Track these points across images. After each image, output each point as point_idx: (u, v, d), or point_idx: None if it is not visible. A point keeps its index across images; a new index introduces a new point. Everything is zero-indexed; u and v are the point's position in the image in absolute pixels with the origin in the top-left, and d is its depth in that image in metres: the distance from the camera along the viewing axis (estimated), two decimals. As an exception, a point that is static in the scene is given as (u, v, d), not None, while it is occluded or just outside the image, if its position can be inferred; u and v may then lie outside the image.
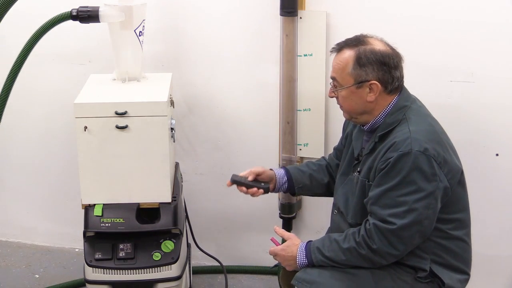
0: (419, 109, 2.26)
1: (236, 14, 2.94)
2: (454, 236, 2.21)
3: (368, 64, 2.17)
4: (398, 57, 2.22)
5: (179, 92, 3.04)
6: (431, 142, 2.13)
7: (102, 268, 2.47)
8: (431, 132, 2.17)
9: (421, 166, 2.08)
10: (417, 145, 2.09)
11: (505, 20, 2.61)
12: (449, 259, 2.21)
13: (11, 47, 2.74)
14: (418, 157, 2.08)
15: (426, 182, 2.09)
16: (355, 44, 2.20)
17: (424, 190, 2.09)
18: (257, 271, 3.25)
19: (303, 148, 2.99)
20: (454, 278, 2.22)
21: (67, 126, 3.04)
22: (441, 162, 2.11)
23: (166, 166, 2.51)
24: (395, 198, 2.10)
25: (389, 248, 2.12)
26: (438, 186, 2.11)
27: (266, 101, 3.01)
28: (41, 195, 3.46)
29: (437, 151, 2.12)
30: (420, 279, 2.19)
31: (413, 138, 2.11)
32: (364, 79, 2.18)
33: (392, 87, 2.20)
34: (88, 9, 2.55)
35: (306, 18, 2.81)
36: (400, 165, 2.09)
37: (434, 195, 2.10)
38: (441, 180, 2.11)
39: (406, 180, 2.09)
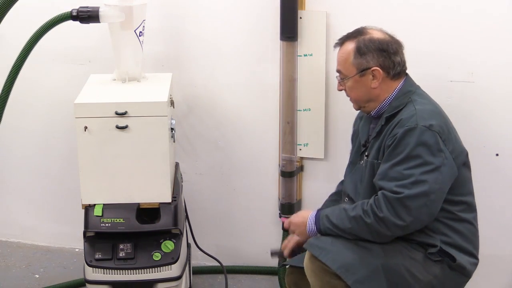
0: (424, 93, 2.36)
1: (236, 14, 2.94)
2: (463, 218, 2.26)
3: (368, 52, 2.30)
4: (397, 43, 2.34)
5: (179, 92, 3.04)
6: (437, 119, 2.22)
7: (102, 268, 2.47)
8: (436, 112, 2.27)
9: (427, 141, 2.16)
10: (423, 121, 2.19)
11: (505, 20, 2.61)
12: (459, 240, 2.25)
13: (11, 47, 2.74)
14: (423, 132, 2.17)
15: (432, 157, 2.16)
16: (355, 36, 2.33)
17: (430, 164, 2.15)
18: (257, 271, 3.25)
19: (303, 148, 2.99)
20: (464, 258, 2.26)
21: (67, 126, 3.04)
22: (446, 139, 2.20)
23: (166, 166, 2.51)
24: (402, 171, 2.17)
25: (395, 218, 2.14)
26: (444, 162, 2.17)
27: (266, 101, 3.01)
28: (41, 195, 3.46)
29: (442, 128, 2.20)
30: (431, 256, 2.22)
31: (419, 115, 2.21)
32: (366, 66, 2.30)
33: (394, 72, 2.31)
34: (88, 9, 2.55)
35: (306, 18, 2.81)
36: (406, 140, 2.18)
37: (440, 170, 2.16)
38: (446, 157, 2.18)
39: (412, 154, 2.16)
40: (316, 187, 3.02)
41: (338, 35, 2.78)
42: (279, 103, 2.93)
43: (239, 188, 3.22)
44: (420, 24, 2.70)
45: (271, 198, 3.15)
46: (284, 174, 2.99)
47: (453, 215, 2.25)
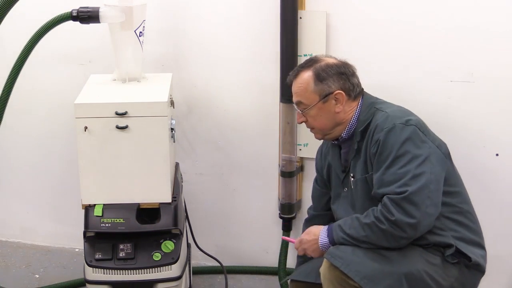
0: (386, 101, 2.38)
1: (236, 14, 2.94)
2: (463, 209, 2.28)
3: (327, 77, 2.30)
4: (352, 66, 2.36)
5: (179, 93, 3.04)
6: (410, 115, 2.25)
7: (102, 268, 2.47)
8: (405, 110, 2.31)
9: (409, 136, 2.18)
10: (398, 119, 2.21)
11: (505, 20, 2.61)
12: (467, 233, 2.26)
13: (11, 48, 2.74)
14: (403, 128, 2.18)
15: (418, 149, 2.17)
16: (309, 65, 2.34)
17: (419, 156, 2.16)
18: (257, 271, 3.25)
19: (303, 148, 2.99)
20: (477, 253, 2.26)
21: (67, 126, 3.04)
22: (424, 131, 2.22)
23: (166, 166, 2.51)
24: (397, 172, 2.16)
25: (406, 217, 2.12)
26: (430, 151, 2.19)
27: (266, 101, 3.01)
28: (41, 195, 3.46)
29: (418, 121, 2.24)
30: (449, 259, 2.21)
31: (392, 115, 2.24)
32: (328, 91, 2.30)
33: (354, 94, 2.33)
34: (88, 10, 2.55)
35: (306, 18, 2.81)
36: (389, 141, 2.18)
37: (430, 160, 2.17)
38: (430, 146, 2.20)
39: (400, 153, 2.17)
40: (316, 187, 3.02)
41: (338, 35, 2.81)
42: (279, 103, 2.93)
43: (239, 188, 3.22)
44: (420, 24, 2.70)
45: (271, 198, 3.15)
46: (284, 174, 2.99)
47: (455, 207, 2.25)
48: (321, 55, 2.40)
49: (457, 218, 2.26)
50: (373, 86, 2.42)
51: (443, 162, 2.23)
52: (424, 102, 2.72)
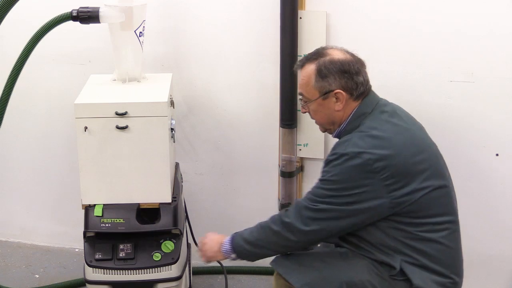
0: (379, 115, 2.23)
1: (236, 14, 2.94)
2: (426, 237, 2.16)
3: (329, 74, 2.21)
4: (359, 62, 2.24)
5: (179, 93, 3.04)
6: (374, 147, 2.11)
7: (102, 268, 2.47)
8: (379, 137, 2.14)
9: (350, 168, 2.10)
10: (352, 148, 2.11)
11: (505, 20, 2.61)
12: (422, 260, 2.16)
13: (12, 48, 2.73)
14: (350, 158, 2.10)
15: (352, 183, 2.11)
16: (315, 58, 2.25)
17: (348, 190, 2.11)
18: (257, 271, 3.25)
19: (303, 148, 2.99)
20: (429, 278, 2.16)
21: (67, 127, 3.04)
22: (379, 167, 2.09)
23: (166, 166, 2.51)
24: (321, 189, 2.16)
25: (301, 224, 2.16)
26: (367, 189, 2.10)
27: (266, 101, 3.01)
28: (41, 195, 3.46)
29: (376, 157, 2.09)
30: (393, 277, 2.17)
31: (353, 141, 2.14)
32: (328, 89, 2.22)
33: (357, 93, 2.23)
34: (88, 10, 2.55)
35: (306, 18, 2.81)
36: (332, 164, 2.14)
37: (359, 196, 2.10)
38: (373, 184, 2.09)
39: (334, 178, 2.13)
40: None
41: (338, 35, 2.81)
42: (279, 103, 2.93)
43: (239, 188, 3.22)
44: (420, 24, 2.70)
45: (271, 198, 3.15)
46: (284, 174, 2.99)
47: (412, 235, 2.16)
48: (330, 47, 2.29)
49: (412, 244, 2.16)
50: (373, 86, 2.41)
51: (379, 201, 2.11)
52: (424, 102, 2.73)
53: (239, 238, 2.34)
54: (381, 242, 2.18)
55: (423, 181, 2.14)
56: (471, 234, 2.37)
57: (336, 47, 2.28)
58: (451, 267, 2.19)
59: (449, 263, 2.19)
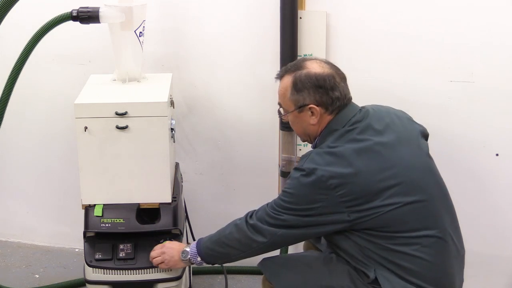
0: (345, 134, 2.18)
1: (236, 14, 2.94)
2: (398, 250, 2.12)
3: (304, 88, 2.19)
4: (339, 76, 2.21)
5: (179, 93, 3.04)
6: (329, 164, 2.09)
7: (102, 268, 2.47)
8: (337, 155, 2.12)
9: (305, 184, 2.10)
10: (308, 164, 2.12)
11: (505, 20, 2.61)
12: (397, 271, 2.13)
13: (12, 48, 2.74)
14: (306, 175, 2.10)
15: (307, 198, 2.12)
16: (292, 70, 2.23)
17: (303, 203, 2.13)
18: (257, 271, 3.22)
19: (303, 148, 2.99)
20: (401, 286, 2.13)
21: (67, 127, 3.04)
22: (333, 184, 2.07)
23: (166, 166, 2.51)
24: (280, 198, 2.20)
25: (263, 224, 2.21)
26: (323, 205, 2.10)
27: (266, 101, 3.01)
28: (41, 195, 3.46)
29: (331, 174, 2.07)
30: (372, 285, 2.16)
31: (310, 157, 2.14)
32: (303, 103, 2.20)
33: (333, 108, 2.20)
34: (88, 10, 2.55)
35: (306, 18, 2.81)
36: (292, 176, 2.16)
37: (316, 210, 2.11)
38: (328, 199, 2.09)
39: (291, 192, 2.15)
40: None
41: (338, 35, 2.81)
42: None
43: (239, 188, 3.22)
44: (420, 24, 2.71)
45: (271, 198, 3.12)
46: (284, 174, 2.99)
47: (384, 247, 2.13)
48: (311, 59, 2.25)
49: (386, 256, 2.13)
50: (373, 86, 2.42)
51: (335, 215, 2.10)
52: (424, 102, 2.73)
53: (205, 239, 2.39)
54: (355, 251, 2.18)
55: (389, 197, 2.09)
56: (471, 234, 2.37)
57: (317, 60, 2.25)
58: (431, 280, 2.13)
59: (429, 275, 2.13)
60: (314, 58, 2.28)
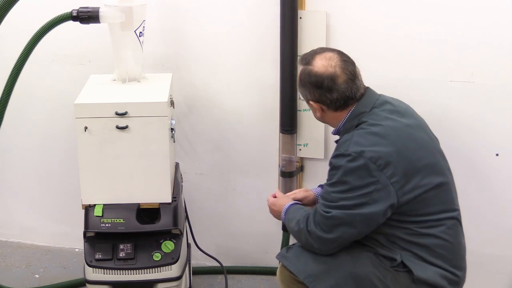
0: (378, 113, 2.24)
1: (236, 14, 2.94)
2: (425, 233, 2.19)
3: (305, 85, 2.29)
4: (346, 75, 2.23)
5: (179, 93, 3.04)
6: (374, 145, 2.14)
7: (102, 268, 2.48)
8: (379, 134, 2.17)
9: (355, 168, 2.12)
10: (354, 147, 2.14)
11: (505, 20, 2.61)
12: (422, 254, 2.19)
13: (12, 48, 2.74)
14: (353, 159, 2.12)
15: (360, 181, 2.12)
16: (304, 63, 2.30)
17: (356, 190, 2.13)
18: (257, 271, 3.25)
19: (303, 148, 2.99)
20: (430, 270, 2.19)
21: (67, 127, 3.04)
22: (382, 164, 2.11)
23: (166, 166, 2.51)
24: (330, 193, 2.18)
25: (320, 231, 2.18)
26: (376, 188, 2.12)
27: (266, 101, 3.01)
28: (41, 195, 3.46)
29: (379, 154, 2.12)
30: (395, 268, 2.19)
31: (353, 140, 2.17)
32: (306, 98, 2.32)
33: (334, 106, 2.26)
34: (88, 10, 2.55)
35: (306, 18, 2.81)
36: (337, 165, 2.17)
37: (370, 196, 2.12)
38: (380, 182, 2.12)
39: (340, 180, 2.15)
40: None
41: (338, 35, 2.81)
42: (279, 103, 2.93)
43: (239, 188, 3.22)
44: (420, 24, 2.70)
45: (271, 198, 3.15)
46: (284, 174, 2.99)
47: (412, 231, 2.19)
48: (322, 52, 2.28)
49: (412, 240, 2.19)
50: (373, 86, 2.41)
51: (389, 200, 2.13)
52: (424, 102, 2.72)
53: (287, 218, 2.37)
54: (381, 237, 2.21)
55: (423, 178, 2.16)
56: (471, 234, 2.37)
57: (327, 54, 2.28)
58: (451, 261, 2.22)
59: (449, 257, 2.21)
60: (327, 51, 2.30)
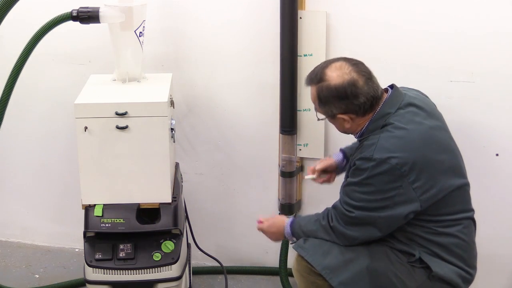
0: (404, 114, 2.25)
1: (236, 14, 2.94)
2: (444, 232, 2.24)
3: (328, 101, 2.26)
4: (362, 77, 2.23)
5: (179, 93, 3.04)
6: (399, 150, 2.15)
7: (102, 268, 2.47)
8: (404, 139, 2.18)
9: (380, 173, 2.15)
10: (379, 153, 2.15)
11: (505, 20, 2.61)
12: (439, 252, 2.24)
13: (12, 48, 2.73)
14: (378, 164, 2.14)
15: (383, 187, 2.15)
16: (315, 82, 2.28)
17: (379, 193, 2.16)
18: (257, 271, 3.25)
19: (303, 148, 2.99)
20: (447, 268, 2.24)
21: (67, 127, 3.04)
22: (406, 170, 2.14)
23: (166, 166, 2.51)
24: (353, 192, 2.21)
25: (343, 228, 2.24)
26: (398, 193, 2.15)
27: (266, 101, 3.01)
28: (41, 195, 3.46)
29: (404, 161, 2.14)
30: (412, 264, 2.23)
31: (379, 144, 2.18)
32: (332, 113, 2.28)
33: (363, 110, 2.25)
34: (88, 10, 2.55)
35: (306, 18, 2.81)
36: (361, 168, 2.18)
37: (392, 200, 2.16)
38: (403, 187, 2.15)
39: (364, 182, 2.18)
40: (316, 187, 3.01)
41: (338, 35, 2.81)
42: (279, 103, 2.93)
43: (239, 188, 3.22)
44: (420, 24, 2.70)
45: (271, 198, 3.15)
46: (284, 174, 2.99)
47: (431, 230, 2.24)
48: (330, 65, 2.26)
49: (430, 238, 2.24)
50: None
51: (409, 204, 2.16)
52: (424, 102, 2.72)
53: (297, 227, 2.40)
54: (400, 234, 2.24)
55: (446, 181, 2.20)
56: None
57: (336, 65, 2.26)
58: (465, 260, 2.26)
59: (464, 256, 2.26)
60: (334, 62, 2.28)
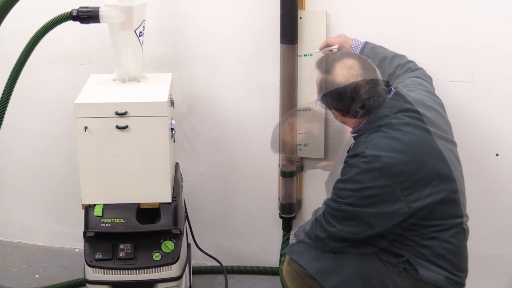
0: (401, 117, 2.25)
1: (236, 13, 2.94)
2: (433, 236, 2.24)
3: (326, 95, 2.31)
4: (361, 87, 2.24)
5: (179, 92, 3.04)
6: (392, 150, 2.17)
7: (102, 268, 2.47)
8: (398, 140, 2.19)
9: (370, 170, 2.16)
10: (371, 150, 2.17)
11: (505, 20, 2.61)
12: (429, 255, 2.24)
13: (12, 48, 2.73)
14: (369, 161, 2.16)
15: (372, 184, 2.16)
16: (323, 71, 2.32)
17: (367, 190, 2.17)
18: (257, 271, 3.25)
19: (303, 148, 2.99)
20: (435, 271, 2.23)
21: (67, 126, 3.04)
22: (397, 171, 2.15)
23: (166, 166, 2.51)
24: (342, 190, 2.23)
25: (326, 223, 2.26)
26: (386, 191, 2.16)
27: (266, 101, 3.01)
28: (41, 195, 3.46)
29: (395, 161, 2.15)
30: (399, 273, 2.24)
31: (372, 142, 2.20)
32: (327, 104, 2.35)
33: (354, 114, 2.28)
34: (88, 10, 2.55)
35: (306, 18, 2.81)
36: (353, 164, 2.20)
37: (378, 197, 2.16)
38: (391, 186, 2.16)
39: (353, 179, 2.19)
40: (316, 187, 3.02)
41: (338, 35, 2.80)
42: (279, 103, 2.93)
43: (239, 188, 3.22)
44: (420, 24, 2.70)
45: (271, 198, 3.15)
46: (284, 174, 2.99)
47: (422, 234, 2.23)
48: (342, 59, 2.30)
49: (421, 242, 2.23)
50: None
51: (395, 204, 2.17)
52: (424, 102, 2.72)
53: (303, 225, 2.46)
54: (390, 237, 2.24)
55: (437, 186, 2.20)
56: (471, 234, 2.37)
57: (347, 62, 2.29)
58: (455, 264, 2.26)
59: (454, 260, 2.25)
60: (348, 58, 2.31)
